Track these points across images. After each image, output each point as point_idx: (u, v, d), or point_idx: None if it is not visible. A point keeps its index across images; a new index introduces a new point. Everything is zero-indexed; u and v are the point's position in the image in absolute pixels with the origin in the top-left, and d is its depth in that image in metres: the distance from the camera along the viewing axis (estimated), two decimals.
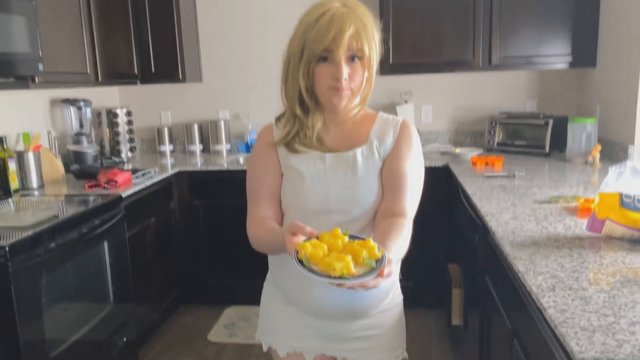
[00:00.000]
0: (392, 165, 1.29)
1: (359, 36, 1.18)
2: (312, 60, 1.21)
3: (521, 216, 1.82)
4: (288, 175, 1.33)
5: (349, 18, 1.18)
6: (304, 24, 1.23)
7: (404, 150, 1.30)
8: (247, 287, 3.36)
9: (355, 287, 1.01)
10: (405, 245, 1.21)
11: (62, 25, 2.68)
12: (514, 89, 3.59)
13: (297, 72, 1.24)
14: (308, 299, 1.31)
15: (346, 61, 1.20)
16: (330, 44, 1.17)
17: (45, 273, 2.01)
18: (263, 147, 1.36)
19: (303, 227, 1.08)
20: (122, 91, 3.93)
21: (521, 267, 1.33)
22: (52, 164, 2.86)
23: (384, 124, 1.34)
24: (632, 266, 1.31)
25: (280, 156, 1.34)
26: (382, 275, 1.00)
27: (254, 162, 1.38)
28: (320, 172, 1.29)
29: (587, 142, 2.83)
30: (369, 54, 1.21)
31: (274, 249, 1.28)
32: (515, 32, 3.14)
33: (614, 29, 2.89)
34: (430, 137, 3.69)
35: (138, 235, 2.81)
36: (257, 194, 1.35)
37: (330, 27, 1.17)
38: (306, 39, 1.20)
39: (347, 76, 1.21)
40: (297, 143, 1.31)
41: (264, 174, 1.35)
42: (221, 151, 3.74)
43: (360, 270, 1.00)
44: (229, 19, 3.71)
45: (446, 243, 3.03)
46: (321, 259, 1.01)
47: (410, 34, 3.23)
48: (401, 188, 1.28)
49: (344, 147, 1.32)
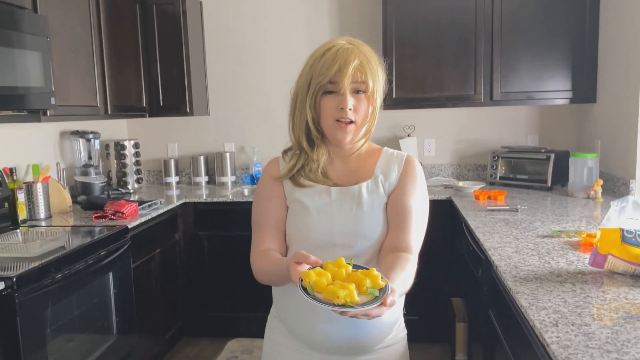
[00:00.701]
0: (397, 201, 1.31)
1: (363, 68, 1.24)
2: (318, 92, 1.26)
3: (524, 250, 1.84)
4: (293, 208, 1.35)
5: (353, 52, 1.24)
6: (311, 59, 1.29)
7: (408, 185, 1.33)
8: (250, 320, 3.36)
9: (359, 315, 1.01)
10: (410, 279, 1.23)
11: (75, 60, 2.76)
12: (515, 123, 3.64)
13: (304, 104, 1.29)
14: (312, 333, 1.32)
15: (351, 93, 1.25)
16: (335, 75, 1.23)
17: (50, 304, 2.02)
18: (269, 180, 1.39)
19: (308, 256, 1.10)
20: (130, 123, 4.00)
21: (524, 302, 1.34)
22: (60, 195, 2.90)
23: (388, 159, 1.37)
24: (635, 302, 1.32)
25: (285, 189, 1.37)
26: (385, 304, 1.00)
27: (260, 195, 1.41)
28: (325, 205, 1.31)
29: (589, 176, 2.86)
30: (372, 88, 1.26)
31: (278, 279, 1.29)
32: (516, 69, 3.21)
33: (613, 66, 2.96)
34: (433, 170, 3.73)
35: (143, 266, 2.82)
36: (261, 226, 1.38)
37: (336, 59, 1.23)
38: (313, 72, 1.26)
39: (352, 107, 1.25)
40: (303, 177, 1.34)
41: (269, 207, 1.37)
42: (226, 183, 3.78)
43: (364, 299, 1.01)
44: (236, 55, 3.81)
45: (449, 276, 3.03)
46: (325, 287, 1.02)
47: (413, 69, 3.30)
48: (406, 223, 1.29)
49: (349, 181, 1.35)
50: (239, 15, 3.76)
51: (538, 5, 3.15)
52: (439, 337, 3.08)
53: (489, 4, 3.18)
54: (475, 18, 3.20)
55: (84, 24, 2.84)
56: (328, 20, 3.68)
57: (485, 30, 3.20)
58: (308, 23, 3.71)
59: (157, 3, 3.46)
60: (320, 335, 1.31)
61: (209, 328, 3.44)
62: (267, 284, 1.36)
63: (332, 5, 3.67)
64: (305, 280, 1.04)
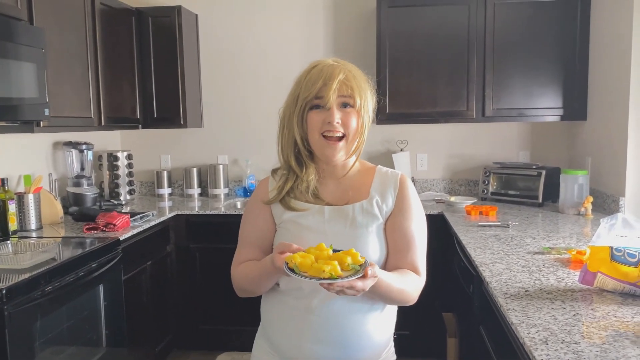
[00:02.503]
0: (399, 226, 1.31)
1: (348, 82, 1.25)
2: (305, 108, 1.26)
3: (515, 267, 1.85)
4: (285, 227, 1.34)
5: (339, 67, 1.26)
6: (298, 78, 1.31)
7: (407, 209, 1.33)
8: (240, 333, 3.34)
9: (345, 288, 1.06)
10: (408, 286, 1.25)
11: (70, 71, 2.77)
12: (507, 139, 3.68)
13: (292, 122, 1.29)
14: (300, 352, 1.30)
15: (338, 107, 1.26)
16: (321, 90, 1.24)
17: (40, 316, 2.01)
18: (257, 201, 1.39)
19: (290, 244, 1.16)
20: (123, 135, 4.00)
21: (514, 319, 1.35)
22: (51, 206, 2.89)
23: (383, 178, 1.36)
24: (624, 320, 1.33)
25: (274, 212, 1.36)
26: (366, 275, 1.07)
27: (247, 213, 1.42)
28: (319, 224, 1.30)
29: (579, 193, 2.89)
30: (360, 103, 1.26)
31: (261, 279, 1.29)
32: (507, 86, 3.25)
33: (603, 84, 3.00)
34: (426, 185, 3.75)
35: (134, 279, 2.80)
36: (244, 242, 1.39)
37: (321, 74, 1.25)
38: (299, 89, 1.27)
39: (340, 120, 1.25)
40: (293, 199, 1.33)
41: (254, 225, 1.38)
42: (219, 195, 3.78)
43: (346, 274, 1.08)
44: (231, 68, 3.83)
45: (441, 291, 3.03)
46: (310, 267, 1.08)
47: (406, 85, 3.34)
48: (410, 247, 1.31)
49: (342, 201, 1.34)
50: (234, 29, 3.79)
51: (530, 25, 3.20)
52: (430, 353, 3.07)
53: (481, 22, 3.23)
54: (468, 36, 3.25)
55: (79, 35, 2.85)
56: (323, 34, 3.72)
57: (478, 47, 3.25)
58: (303, 36, 3.74)
59: (153, 15, 3.48)
60: (307, 354, 1.29)
61: (200, 341, 3.42)
62: (249, 293, 1.36)
63: (327, 18, 3.71)
64: (290, 262, 1.11)
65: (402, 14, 3.30)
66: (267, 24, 3.76)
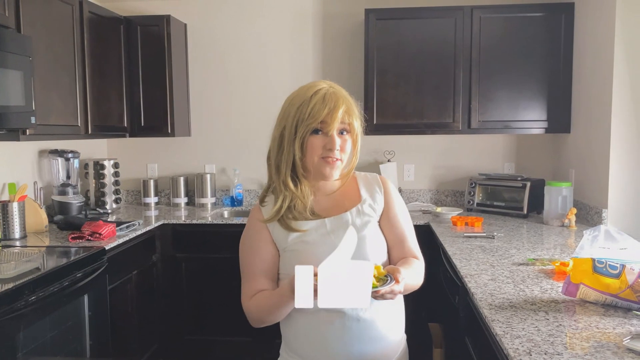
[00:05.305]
0: (392, 220, 1.45)
1: (350, 112, 1.34)
2: (306, 133, 1.32)
3: (499, 278, 1.87)
4: (293, 249, 1.36)
5: (339, 97, 1.34)
6: (298, 101, 1.34)
7: (394, 204, 1.47)
8: (226, 344, 3.33)
9: (386, 293, 1.18)
10: (418, 275, 1.40)
11: (57, 80, 2.76)
12: (492, 151, 3.72)
13: (292, 145, 1.34)
14: (329, 354, 1.34)
15: (337, 134, 1.34)
16: (325, 117, 1.31)
17: (23, 327, 1.98)
18: (256, 225, 1.41)
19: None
20: (110, 143, 3.98)
21: (499, 330, 1.37)
22: (36, 215, 2.86)
23: (366, 182, 1.48)
24: (605, 331, 1.35)
25: (275, 236, 1.39)
26: (397, 281, 1.19)
27: (247, 244, 1.42)
28: (324, 237, 1.36)
29: (563, 205, 2.93)
30: (357, 129, 1.37)
31: (280, 308, 1.29)
32: (493, 99, 3.30)
33: (586, 98, 3.06)
34: (413, 195, 3.78)
35: (119, 288, 2.78)
36: (251, 273, 1.39)
37: (325, 103, 1.31)
38: (300, 115, 1.32)
39: (339, 147, 1.34)
40: (292, 219, 1.37)
41: (259, 254, 1.39)
42: (206, 204, 3.77)
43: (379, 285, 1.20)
44: (219, 77, 3.84)
45: (427, 301, 3.04)
46: None
47: (393, 96, 3.37)
48: (406, 237, 1.46)
49: (337, 211, 1.41)
50: (222, 38, 3.80)
51: (515, 38, 3.26)
52: None
53: (467, 35, 3.28)
54: (455, 49, 3.30)
55: (67, 43, 2.84)
56: (311, 45, 3.74)
57: (464, 60, 3.30)
58: (291, 47, 3.76)
59: (142, 24, 3.49)
60: (337, 354, 1.34)
61: (185, 351, 3.39)
62: (267, 323, 1.37)
63: (315, 29, 3.74)
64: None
65: (389, 26, 3.34)
66: (256, 35, 3.78)
